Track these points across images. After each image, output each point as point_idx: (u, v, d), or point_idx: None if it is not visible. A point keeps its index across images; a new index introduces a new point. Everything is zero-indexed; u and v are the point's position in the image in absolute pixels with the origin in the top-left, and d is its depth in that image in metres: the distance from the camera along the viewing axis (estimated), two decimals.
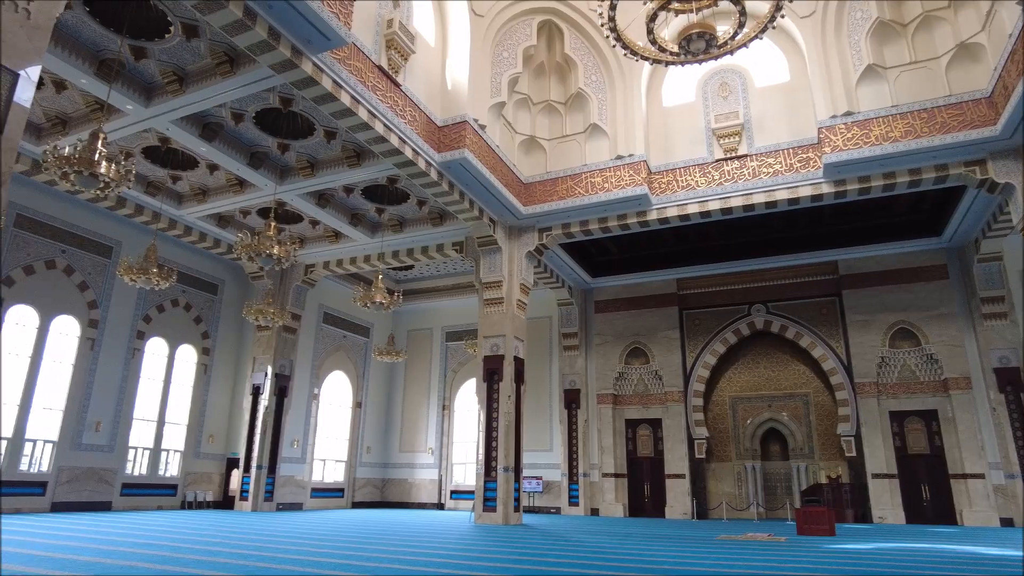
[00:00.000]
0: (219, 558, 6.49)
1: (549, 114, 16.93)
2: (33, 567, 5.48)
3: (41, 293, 14.48)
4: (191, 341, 18.05)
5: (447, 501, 22.05)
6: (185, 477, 17.40)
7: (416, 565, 6.37)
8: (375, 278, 15.85)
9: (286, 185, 14.61)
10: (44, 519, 11.72)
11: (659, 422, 19.86)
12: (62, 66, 10.59)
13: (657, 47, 11.08)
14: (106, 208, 15.18)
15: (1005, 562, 7.29)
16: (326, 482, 20.76)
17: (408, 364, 23.52)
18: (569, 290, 20.57)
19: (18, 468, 13.81)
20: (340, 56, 10.67)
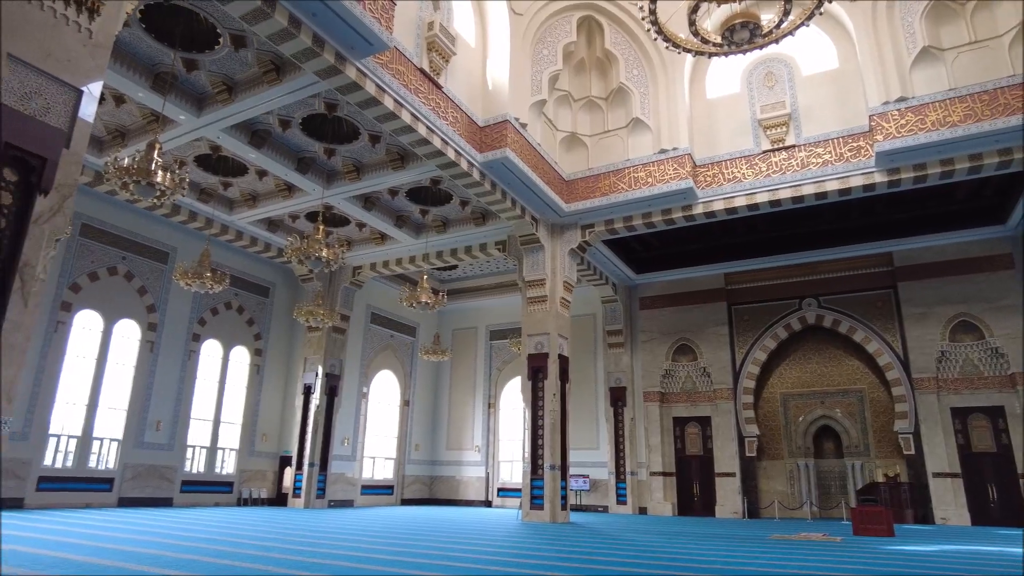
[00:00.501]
0: (274, 553, 6.69)
1: (590, 110, 16.83)
2: (104, 559, 5.75)
3: (104, 298, 15.14)
4: (244, 343, 18.61)
5: (494, 498, 22.17)
6: (240, 475, 17.96)
7: (466, 562, 6.44)
8: (420, 278, 16.04)
9: (333, 189, 14.91)
10: (112, 513, 12.27)
11: (708, 420, 19.54)
12: (120, 81, 11.04)
13: (700, 39, 10.89)
14: (162, 215, 15.77)
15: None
16: (376, 479, 21.14)
17: (453, 363, 23.74)
18: (613, 287, 20.41)
19: (87, 465, 14.48)
20: (383, 60, 10.83)
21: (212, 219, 16.31)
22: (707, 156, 15.32)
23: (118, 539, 7.64)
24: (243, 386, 18.54)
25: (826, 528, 13.43)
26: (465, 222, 16.95)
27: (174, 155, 13.35)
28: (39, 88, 5.63)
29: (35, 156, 5.48)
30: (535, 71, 14.74)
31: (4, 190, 5.36)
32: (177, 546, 7.09)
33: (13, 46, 5.50)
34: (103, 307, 15.11)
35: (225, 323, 18.05)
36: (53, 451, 13.96)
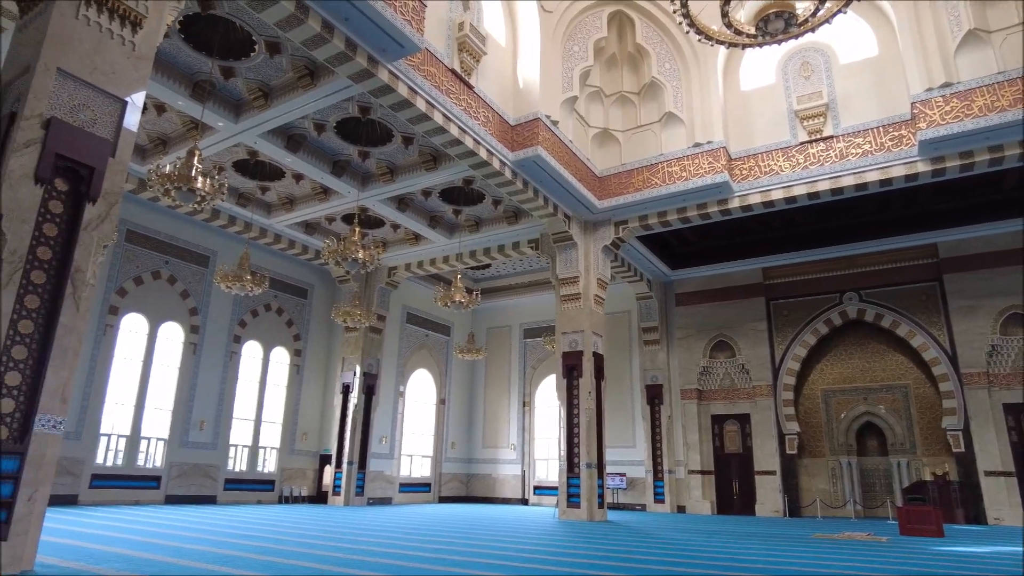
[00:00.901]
0: (316, 550, 6.81)
1: (622, 105, 16.70)
2: (155, 554, 5.93)
3: (149, 302, 15.60)
4: (284, 343, 18.97)
5: (530, 496, 22.19)
6: (281, 473, 18.32)
7: (504, 560, 6.46)
8: (454, 278, 16.13)
9: (368, 191, 15.10)
10: (159, 510, 12.65)
11: (747, 417, 19.23)
12: (161, 90, 11.35)
13: (733, 30, 10.71)
14: (202, 220, 16.16)
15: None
16: (413, 477, 21.35)
17: (488, 361, 23.83)
18: (648, 283, 20.22)
19: (136, 463, 14.96)
20: (414, 62, 10.91)
21: (251, 223, 16.65)
22: (742, 149, 15.06)
23: (167, 535, 7.87)
24: (283, 386, 18.91)
25: (871, 527, 13.11)
26: (497, 221, 17.00)
27: (213, 161, 13.67)
28: (86, 100, 5.83)
29: (84, 166, 5.69)
30: (566, 68, 14.68)
31: (56, 199, 5.57)
32: (223, 543, 7.28)
33: (62, 61, 5.71)
34: (148, 310, 15.57)
35: (265, 324, 18.43)
36: (104, 450, 14.45)
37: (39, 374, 5.20)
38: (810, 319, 18.92)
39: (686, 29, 11.01)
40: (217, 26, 10.30)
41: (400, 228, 17.54)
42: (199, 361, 16.47)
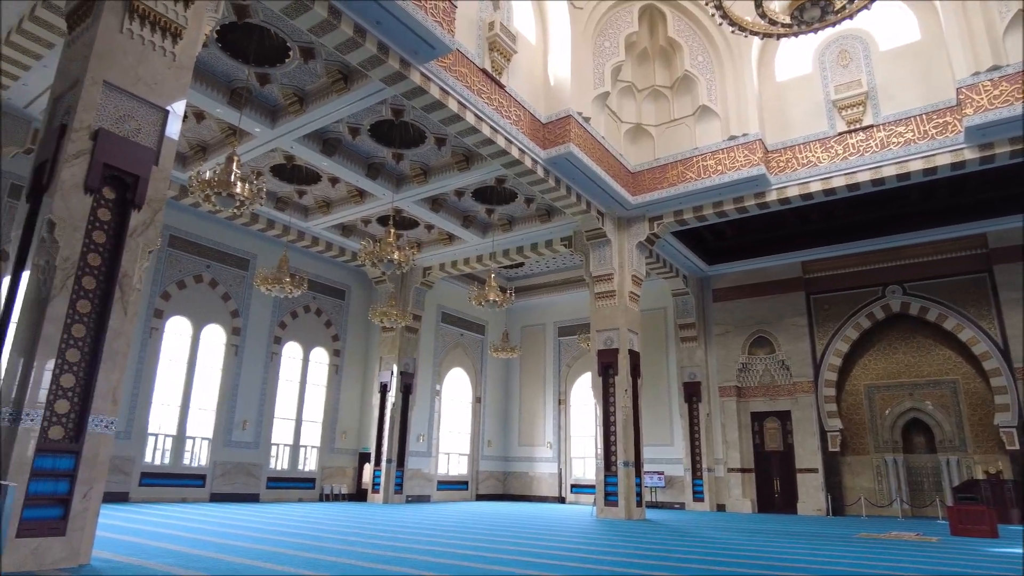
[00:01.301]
0: (357, 547, 6.92)
1: (655, 100, 16.52)
2: (203, 550, 6.11)
3: (192, 305, 16.03)
4: (323, 344, 19.30)
5: (567, 495, 22.15)
6: (322, 471, 18.65)
7: (543, 557, 6.47)
8: (488, 277, 16.20)
9: (402, 193, 15.25)
10: (205, 508, 13.00)
11: (788, 414, 18.86)
12: (200, 98, 11.65)
13: (767, 20, 10.50)
14: (242, 224, 16.53)
15: None
16: (451, 475, 21.52)
17: (523, 360, 23.85)
18: (684, 279, 19.99)
19: (182, 462, 15.39)
20: (446, 63, 10.98)
21: (289, 226, 16.97)
22: (779, 141, 14.78)
23: (213, 532, 8.09)
24: (323, 386, 19.23)
25: (920, 527, 12.75)
26: (530, 220, 17.00)
27: (251, 166, 13.96)
28: (130, 111, 6.02)
29: (129, 174, 5.87)
30: (597, 63, 14.59)
31: (104, 207, 5.77)
32: (267, 539, 7.45)
33: (108, 73, 5.90)
34: (192, 313, 16.00)
35: (304, 326, 18.77)
36: (152, 449, 14.90)
37: (91, 376, 5.39)
38: (852, 313, 18.47)
39: (719, 21, 10.84)
40: (253, 34, 10.52)
41: (434, 228, 17.68)
42: (241, 362, 16.86)
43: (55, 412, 5.19)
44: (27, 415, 5.03)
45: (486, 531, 9.70)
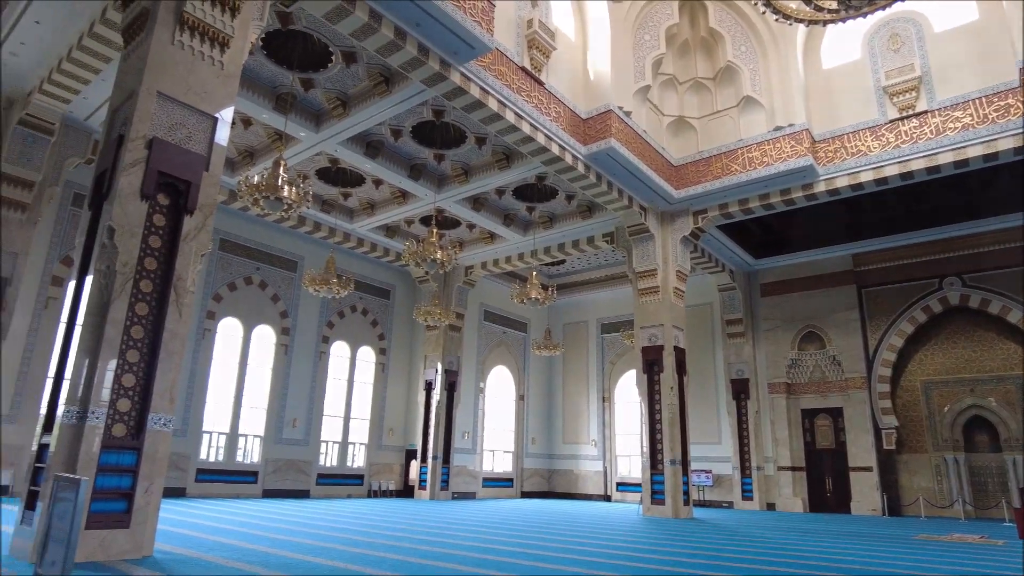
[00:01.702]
0: (405, 543, 7.03)
1: (697, 92, 16.24)
2: (257, 544, 6.30)
3: (243, 306, 16.51)
4: (369, 343, 19.64)
5: (613, 493, 22.02)
6: (370, 468, 18.98)
7: (589, 555, 6.46)
8: (530, 275, 16.20)
9: (444, 193, 15.38)
10: (258, 504, 13.39)
11: (839, 411, 18.32)
12: (247, 105, 11.98)
13: (813, 6, 10.21)
14: (289, 227, 16.93)
15: None
16: (496, 472, 21.63)
17: (566, 357, 23.79)
18: (730, 274, 19.61)
19: (235, 459, 15.88)
20: (485, 63, 11.02)
21: (335, 228, 17.32)
22: (827, 131, 14.35)
23: (265, 527, 8.33)
24: (369, 384, 19.57)
25: (984, 530, 12.24)
26: (571, 216, 16.94)
27: (297, 170, 14.29)
28: (182, 120, 6.24)
29: (182, 181, 6.09)
30: (637, 57, 14.42)
31: (159, 213, 5.99)
32: (318, 534, 7.63)
33: (161, 84, 6.13)
34: (242, 314, 16.48)
35: (351, 325, 19.13)
36: (207, 446, 15.42)
37: (150, 376, 5.62)
38: (906, 307, 17.81)
39: (762, 10, 10.60)
40: (296, 40, 10.75)
41: (475, 228, 17.78)
42: (290, 361, 17.28)
43: (117, 410, 5.42)
44: (92, 413, 5.28)
45: (532, 529, 9.72)
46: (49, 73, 10.44)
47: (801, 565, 6.28)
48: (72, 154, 12.04)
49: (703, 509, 17.81)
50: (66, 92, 10.75)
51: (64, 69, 10.10)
